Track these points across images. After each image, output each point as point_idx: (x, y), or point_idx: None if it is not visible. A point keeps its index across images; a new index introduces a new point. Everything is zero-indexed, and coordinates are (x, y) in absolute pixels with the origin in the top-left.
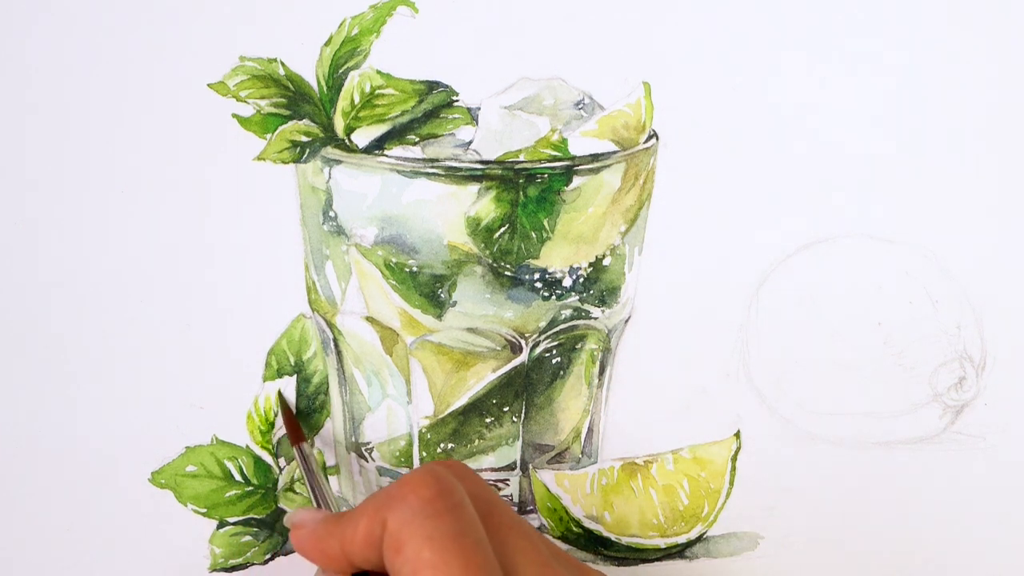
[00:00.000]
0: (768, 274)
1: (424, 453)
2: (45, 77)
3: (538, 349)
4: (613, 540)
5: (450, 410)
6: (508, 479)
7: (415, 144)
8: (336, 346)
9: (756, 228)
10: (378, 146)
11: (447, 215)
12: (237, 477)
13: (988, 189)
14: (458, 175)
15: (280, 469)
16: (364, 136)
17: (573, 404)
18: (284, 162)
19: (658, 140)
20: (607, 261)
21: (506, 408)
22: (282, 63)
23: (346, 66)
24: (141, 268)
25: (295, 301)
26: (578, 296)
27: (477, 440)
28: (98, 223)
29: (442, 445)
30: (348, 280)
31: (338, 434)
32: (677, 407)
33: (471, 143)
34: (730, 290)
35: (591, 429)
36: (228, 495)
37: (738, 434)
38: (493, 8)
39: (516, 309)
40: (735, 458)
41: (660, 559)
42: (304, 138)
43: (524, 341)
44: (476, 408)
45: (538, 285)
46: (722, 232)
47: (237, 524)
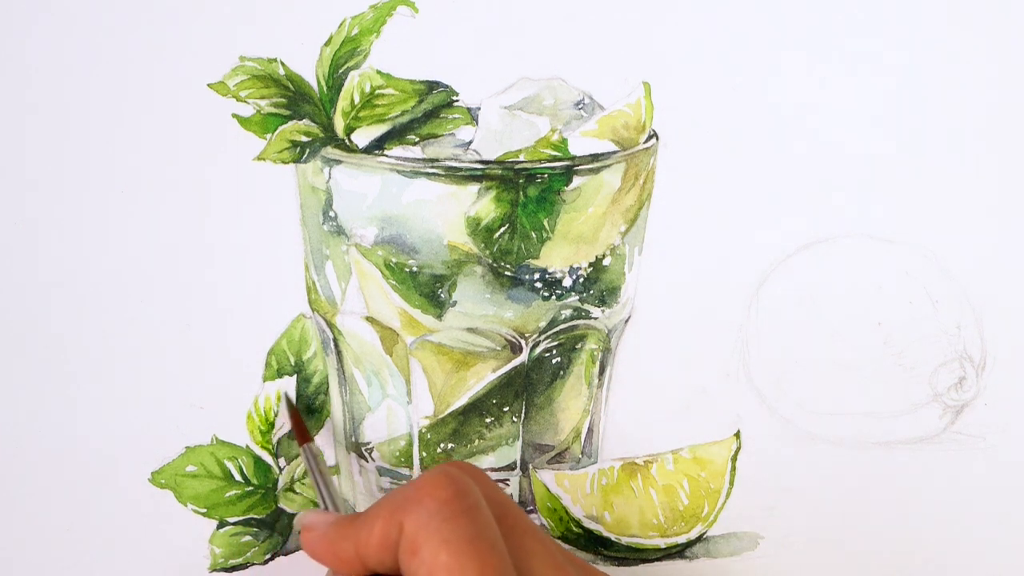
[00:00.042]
0: (768, 274)
1: (424, 453)
2: (45, 77)
3: (538, 349)
4: (613, 540)
5: (450, 410)
6: (508, 479)
7: (415, 144)
8: (336, 346)
9: (756, 228)
10: (378, 146)
11: (447, 215)
12: (237, 477)
13: (988, 189)
14: (458, 175)
15: (280, 469)
16: (364, 136)
17: (573, 404)
18: (284, 162)
19: (658, 140)
20: (607, 261)
21: (506, 408)
22: (282, 63)
23: (346, 66)
24: (141, 268)
25: (295, 301)
26: (578, 296)
27: (477, 440)
28: (98, 223)
29: (442, 445)
30: (348, 280)
31: (338, 434)
32: (677, 407)
33: (471, 143)
34: (730, 290)
35: (591, 429)
36: (228, 495)
37: (738, 434)
38: (493, 8)
39: (516, 309)
40: (735, 458)
41: (660, 559)
42: (304, 138)
43: (524, 341)
44: (476, 408)
45: (538, 285)
46: (722, 232)
47: (237, 524)
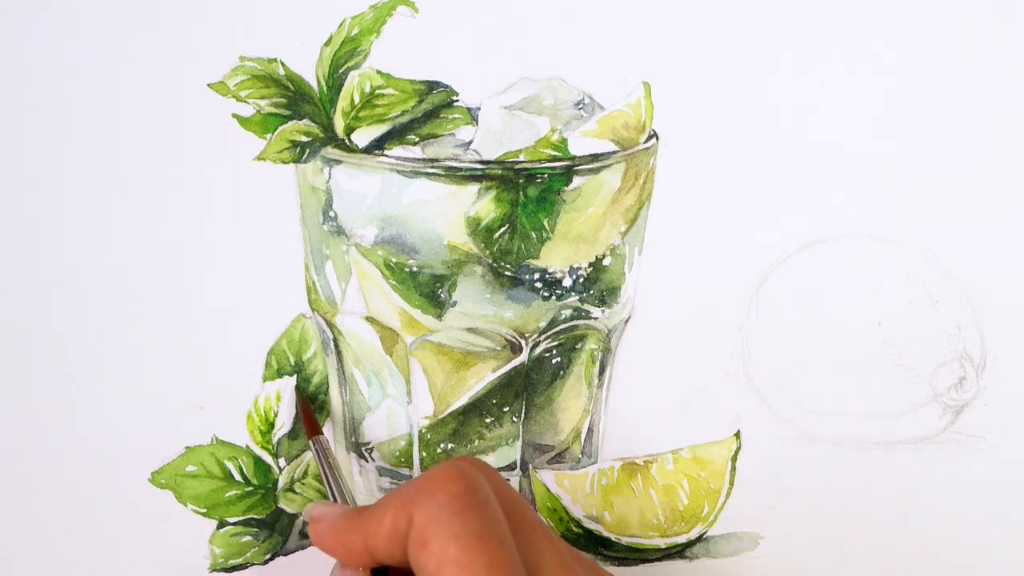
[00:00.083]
0: (768, 274)
1: (424, 453)
2: (45, 77)
3: (538, 349)
4: (613, 540)
5: (450, 410)
6: (508, 479)
7: (415, 144)
8: (336, 346)
9: (756, 228)
10: (378, 146)
11: (447, 215)
12: (237, 477)
13: (988, 189)
14: (458, 175)
15: (280, 469)
16: (364, 136)
17: (573, 404)
18: (284, 162)
19: (658, 140)
20: (607, 261)
21: (506, 408)
22: (282, 63)
23: (346, 66)
24: (141, 268)
25: (295, 301)
26: (578, 296)
27: (477, 440)
28: (98, 223)
29: (442, 445)
30: (348, 280)
31: (338, 434)
32: (677, 407)
33: (471, 143)
34: (730, 290)
35: (591, 429)
36: (228, 495)
37: (738, 434)
38: (493, 8)
39: (516, 309)
40: (735, 458)
41: (660, 559)
42: (304, 138)
43: (524, 341)
44: (476, 408)
45: (538, 285)
46: (722, 232)
47: (237, 524)
